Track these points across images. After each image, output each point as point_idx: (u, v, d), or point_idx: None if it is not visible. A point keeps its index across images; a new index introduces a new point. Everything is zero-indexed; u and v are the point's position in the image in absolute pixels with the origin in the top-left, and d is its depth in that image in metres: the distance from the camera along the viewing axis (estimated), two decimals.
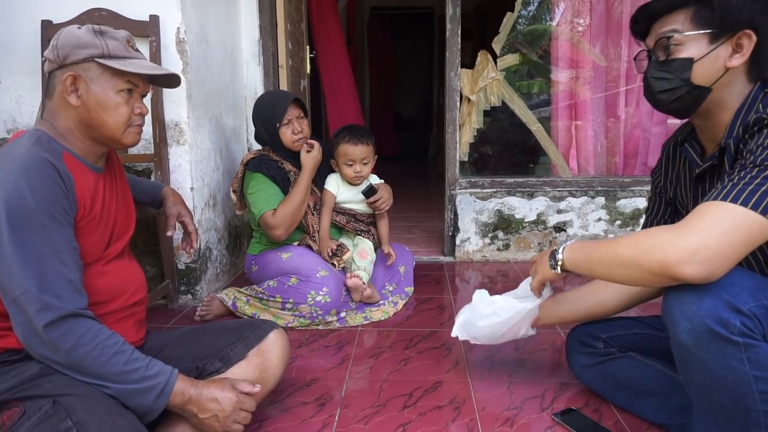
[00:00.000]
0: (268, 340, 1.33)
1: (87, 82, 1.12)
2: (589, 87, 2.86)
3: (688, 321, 0.91)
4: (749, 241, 0.88)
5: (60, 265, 1.02)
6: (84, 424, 0.97)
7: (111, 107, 1.14)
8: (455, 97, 2.73)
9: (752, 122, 0.97)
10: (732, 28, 0.99)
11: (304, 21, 3.25)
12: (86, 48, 1.11)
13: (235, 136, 2.62)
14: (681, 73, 1.04)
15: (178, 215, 1.55)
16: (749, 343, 0.88)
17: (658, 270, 0.90)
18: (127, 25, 1.98)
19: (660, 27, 1.06)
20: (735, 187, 0.90)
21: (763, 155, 0.91)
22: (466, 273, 2.63)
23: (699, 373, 0.93)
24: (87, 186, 1.13)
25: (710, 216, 0.89)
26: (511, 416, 1.36)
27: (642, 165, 2.90)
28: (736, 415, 0.92)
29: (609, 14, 2.84)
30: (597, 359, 1.35)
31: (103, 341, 1.04)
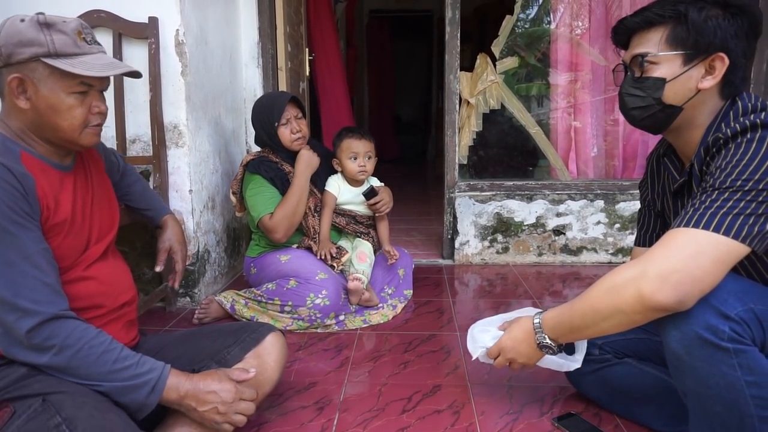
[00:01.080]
0: (265, 343, 1.31)
1: (35, 83, 1.03)
2: (588, 90, 2.86)
3: (677, 329, 0.91)
4: (719, 263, 0.88)
5: (32, 269, 0.98)
6: (73, 420, 0.95)
7: (63, 110, 1.06)
8: (454, 100, 2.73)
9: (711, 143, 0.98)
10: (705, 50, 1.01)
11: (303, 23, 3.25)
12: (30, 46, 1.01)
13: (234, 138, 2.61)
14: (653, 92, 1.05)
15: (169, 250, 1.51)
16: (739, 348, 0.88)
17: (638, 307, 0.91)
18: (126, 26, 1.98)
19: (637, 42, 1.08)
20: (696, 212, 0.92)
21: (721, 178, 0.92)
22: (465, 276, 2.63)
23: (692, 380, 0.93)
24: (50, 186, 1.08)
25: (674, 243, 0.90)
26: (510, 421, 1.36)
27: (641, 168, 2.90)
28: (731, 421, 0.92)
29: (607, 17, 2.84)
30: (594, 366, 1.34)
31: (89, 341, 1.02)
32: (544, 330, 1.11)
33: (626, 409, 1.32)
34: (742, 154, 0.91)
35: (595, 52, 2.83)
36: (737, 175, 0.90)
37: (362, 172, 2.15)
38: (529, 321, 1.15)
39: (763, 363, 0.90)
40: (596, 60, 2.83)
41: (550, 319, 1.11)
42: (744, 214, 0.88)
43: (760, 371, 0.89)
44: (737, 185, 0.90)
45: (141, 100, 2.04)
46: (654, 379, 1.25)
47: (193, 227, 2.11)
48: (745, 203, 0.88)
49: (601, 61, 2.83)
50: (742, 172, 0.90)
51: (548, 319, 1.11)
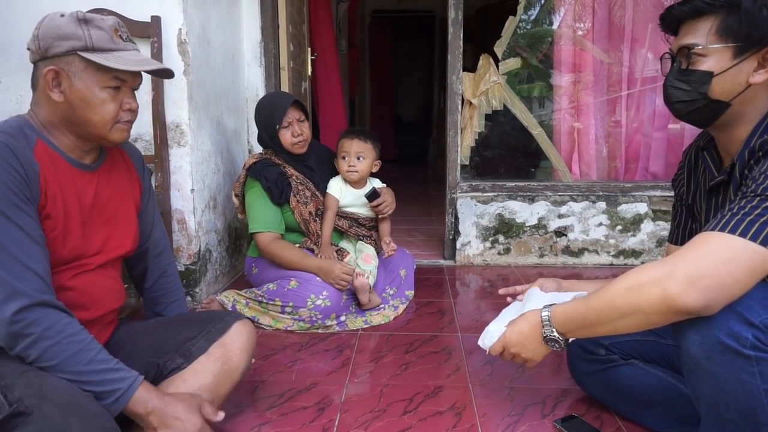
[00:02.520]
0: (231, 332, 1.29)
1: (70, 77, 1.06)
2: (590, 91, 2.86)
3: (698, 334, 0.89)
4: (751, 272, 0.86)
5: (23, 255, 0.98)
6: (11, 387, 0.95)
7: (96, 104, 1.09)
8: (457, 100, 2.72)
9: (757, 147, 0.94)
10: (759, 42, 0.96)
11: (305, 23, 3.25)
12: (68, 39, 1.04)
13: (236, 137, 2.61)
14: (699, 86, 1.01)
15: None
16: (761, 356, 0.86)
17: (660, 308, 0.88)
18: (129, 25, 1.96)
19: (686, 31, 1.03)
20: (734, 216, 0.88)
21: (765, 184, 0.89)
22: (467, 277, 2.62)
23: (709, 386, 0.91)
24: (56, 179, 1.08)
25: (708, 247, 0.87)
26: (512, 422, 1.35)
27: (643, 170, 2.90)
28: (745, 429, 0.90)
29: (610, 18, 2.84)
30: (599, 366, 1.34)
31: (68, 336, 1.01)
32: (553, 324, 1.07)
33: (630, 410, 1.31)
34: None
35: (598, 50, 2.82)
36: None
37: (351, 172, 2.12)
38: (536, 314, 1.11)
39: None
40: (599, 56, 2.81)
41: (561, 313, 1.06)
42: None
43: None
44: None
45: (143, 99, 2.02)
46: (660, 382, 1.24)
47: (194, 226, 2.11)
48: None
49: (605, 59, 2.82)
50: None
51: (558, 313, 1.07)
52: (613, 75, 2.88)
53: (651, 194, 2.69)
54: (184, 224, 2.09)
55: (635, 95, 2.87)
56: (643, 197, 2.69)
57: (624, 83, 2.87)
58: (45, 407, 0.94)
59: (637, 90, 2.86)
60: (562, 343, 1.08)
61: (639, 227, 2.69)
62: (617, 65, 2.86)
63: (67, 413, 0.95)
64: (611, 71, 2.87)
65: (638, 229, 2.69)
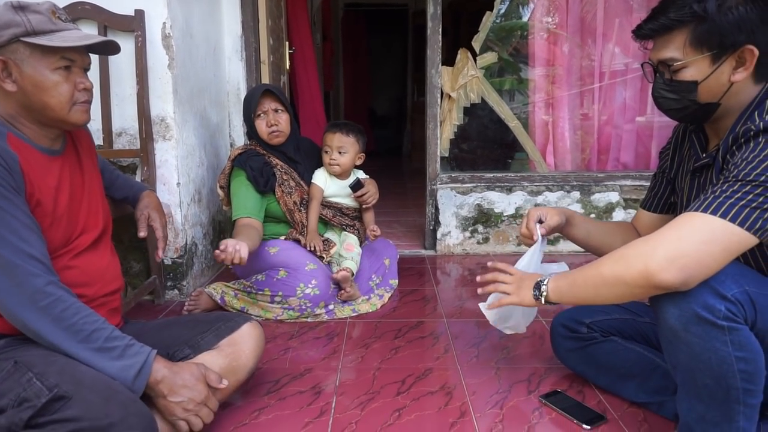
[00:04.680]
0: (242, 331, 1.35)
1: (18, 64, 1.07)
2: (563, 84, 2.96)
3: (676, 307, 0.96)
4: (728, 252, 0.92)
5: (21, 243, 1.02)
6: (44, 374, 1.00)
7: (50, 87, 1.09)
8: (436, 94, 2.78)
9: (741, 133, 1.00)
10: (732, 46, 1.01)
11: (283, 17, 3.26)
12: (7, 28, 1.05)
13: (219, 131, 2.61)
14: (687, 95, 1.06)
15: (148, 218, 1.50)
16: (733, 326, 0.94)
17: (641, 281, 0.95)
18: (112, 19, 1.97)
19: (661, 45, 1.07)
20: (716, 199, 0.94)
21: (746, 170, 0.94)
22: (448, 266, 2.69)
23: (685, 355, 0.99)
24: (33, 168, 1.10)
25: (689, 226, 0.94)
26: (500, 399, 1.43)
27: (614, 161, 3.01)
28: (718, 393, 0.98)
29: (581, 13, 2.93)
30: (581, 344, 1.42)
31: (83, 317, 1.06)
32: (550, 280, 1.15)
33: (610, 383, 1.40)
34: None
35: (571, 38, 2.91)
36: (762, 170, 0.92)
37: (332, 165, 2.16)
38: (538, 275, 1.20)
39: (752, 340, 0.96)
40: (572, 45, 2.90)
41: (560, 273, 1.15)
42: (761, 208, 0.91)
43: (749, 348, 0.96)
44: (760, 180, 0.92)
45: (127, 93, 2.03)
46: (637, 356, 1.34)
47: (181, 220, 2.12)
48: (763, 198, 0.91)
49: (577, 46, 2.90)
50: (766, 168, 0.92)
51: (557, 275, 1.15)
52: (584, 68, 2.98)
53: (622, 183, 2.81)
54: (171, 218, 2.10)
55: (605, 88, 2.98)
56: (614, 186, 2.80)
57: (595, 76, 2.97)
58: (83, 392, 0.98)
59: (607, 83, 2.97)
60: (543, 295, 1.14)
61: (611, 215, 2.81)
62: (587, 59, 2.96)
63: (106, 398, 1.00)
64: (582, 64, 2.98)
65: (610, 217, 2.81)
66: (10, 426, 0.97)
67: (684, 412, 1.05)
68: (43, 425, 0.96)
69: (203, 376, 1.16)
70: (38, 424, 0.96)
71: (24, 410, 0.96)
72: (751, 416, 0.99)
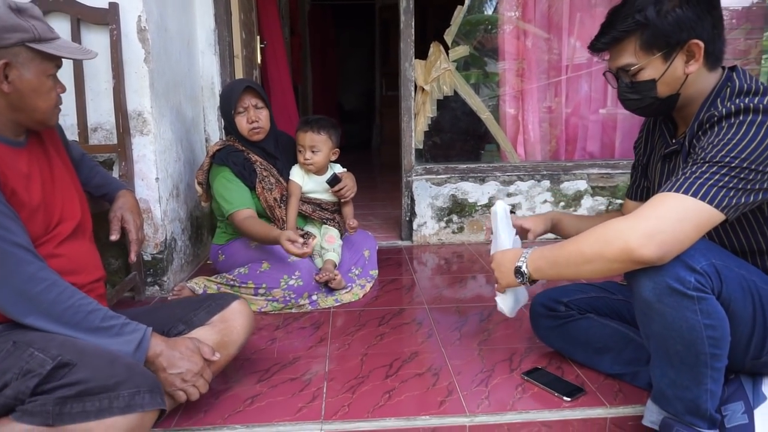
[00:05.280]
0: (232, 308, 1.41)
1: (18, 67, 1.10)
2: (532, 77, 3.05)
3: (650, 280, 1.04)
4: (699, 227, 1.01)
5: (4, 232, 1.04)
6: (45, 348, 1.03)
7: (44, 92, 1.15)
8: (410, 87, 2.83)
9: (705, 119, 1.10)
10: (678, 43, 1.11)
11: (254, 10, 3.25)
12: (15, 32, 1.08)
13: (194, 126, 2.60)
14: (648, 93, 1.17)
15: (121, 219, 1.51)
16: (701, 296, 1.03)
17: (621, 257, 1.02)
18: (85, 12, 1.94)
19: (616, 55, 1.18)
20: (687, 180, 1.03)
21: (712, 152, 1.03)
22: (424, 256, 2.76)
23: (659, 324, 1.07)
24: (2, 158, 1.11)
25: (664, 206, 1.02)
26: (485, 378, 1.49)
27: (581, 150, 3.13)
28: (688, 358, 1.07)
29: (547, 7, 3.02)
30: (559, 321, 1.50)
31: (79, 299, 1.10)
32: (527, 259, 1.21)
33: (587, 358, 1.48)
34: (733, 134, 1.03)
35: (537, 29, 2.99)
36: (726, 152, 1.01)
37: (307, 164, 2.18)
38: (520, 249, 1.26)
39: (719, 309, 1.05)
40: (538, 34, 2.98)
41: (537, 252, 1.21)
42: (727, 187, 1.00)
43: (716, 316, 1.04)
44: (725, 161, 1.01)
45: (102, 88, 2.01)
46: (612, 331, 1.42)
47: (160, 216, 2.11)
48: (729, 178, 1.00)
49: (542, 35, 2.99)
50: (730, 150, 1.01)
51: (535, 252, 1.21)
52: (551, 61, 3.08)
53: (589, 172, 2.92)
54: (150, 213, 2.09)
55: (571, 80, 3.08)
56: (582, 175, 2.91)
57: (561, 69, 3.08)
58: (87, 358, 1.03)
59: (573, 75, 3.07)
60: (526, 277, 1.22)
61: (580, 203, 2.92)
62: (553, 52, 3.06)
63: (110, 361, 1.05)
64: (548, 57, 3.07)
65: (579, 204, 2.92)
66: (16, 395, 1.01)
67: (657, 378, 1.13)
68: (50, 391, 1.00)
69: (198, 348, 1.23)
70: (45, 391, 1.00)
71: (29, 379, 1.00)
72: (718, 379, 1.08)
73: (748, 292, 1.06)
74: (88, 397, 1.00)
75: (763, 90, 1.09)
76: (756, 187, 1.02)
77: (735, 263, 1.08)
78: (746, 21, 3.12)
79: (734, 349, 1.09)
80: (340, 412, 1.34)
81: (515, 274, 1.24)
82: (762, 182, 1.02)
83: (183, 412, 1.33)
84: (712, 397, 1.08)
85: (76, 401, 0.99)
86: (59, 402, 0.99)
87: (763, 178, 1.01)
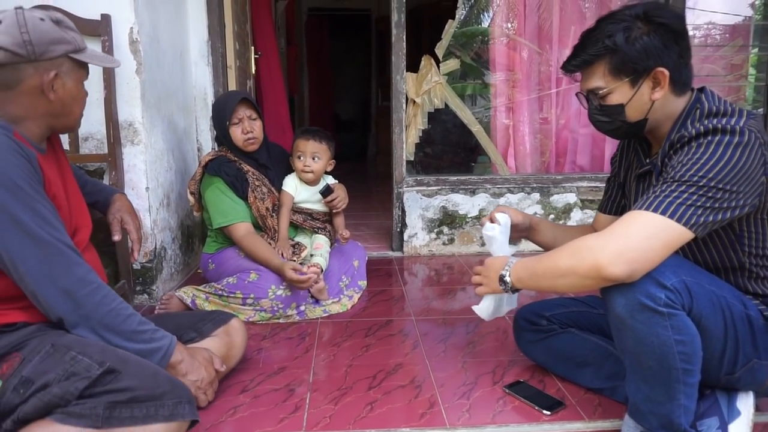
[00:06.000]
0: (233, 324, 1.53)
1: (62, 77, 1.16)
2: (523, 89, 3.08)
3: (623, 296, 1.06)
4: (668, 246, 1.04)
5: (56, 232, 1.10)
6: (87, 353, 1.08)
7: (81, 99, 1.23)
8: (401, 99, 2.86)
9: (676, 140, 1.14)
10: (644, 70, 1.14)
11: (248, 22, 3.28)
12: (60, 44, 1.13)
13: (186, 136, 2.62)
14: (617, 116, 1.20)
15: (121, 221, 1.55)
16: (672, 312, 1.04)
17: (592, 273, 1.04)
18: (78, 24, 1.92)
19: (587, 77, 1.21)
20: (656, 198, 1.06)
21: (681, 171, 1.06)
22: (415, 267, 2.77)
23: (631, 340, 1.09)
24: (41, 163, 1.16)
25: (634, 224, 1.05)
26: (467, 390, 1.50)
27: (571, 163, 3.16)
28: (661, 374, 1.08)
29: (538, 20, 3.07)
30: (541, 335, 1.52)
31: (119, 303, 1.16)
32: (511, 269, 1.24)
33: (568, 372, 1.50)
34: (701, 153, 1.05)
35: (530, 43, 3.03)
36: (695, 172, 1.04)
37: (306, 171, 2.21)
38: (506, 258, 1.28)
39: (689, 325, 1.07)
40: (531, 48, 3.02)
41: (520, 263, 1.23)
42: (695, 206, 1.02)
43: (687, 332, 1.06)
44: (693, 180, 1.03)
45: (93, 98, 2.01)
46: (593, 345, 1.44)
47: (150, 225, 2.13)
48: (697, 197, 1.02)
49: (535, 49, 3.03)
50: (699, 170, 1.04)
51: (519, 262, 1.24)
52: (542, 74, 3.12)
53: (579, 185, 2.95)
54: (140, 222, 2.09)
55: (562, 93, 3.12)
56: (572, 188, 2.94)
57: (553, 82, 3.11)
58: (131, 368, 1.08)
59: (564, 89, 3.11)
60: (508, 286, 1.23)
61: (569, 215, 2.94)
62: (545, 65, 3.10)
63: (154, 373, 1.11)
64: (540, 70, 3.11)
65: (569, 217, 2.94)
66: (63, 395, 1.04)
67: (632, 393, 1.15)
68: (98, 395, 1.04)
69: (211, 359, 1.33)
70: (93, 394, 1.04)
71: (78, 381, 1.04)
72: (691, 394, 1.09)
73: (719, 308, 1.08)
74: (137, 404, 1.06)
75: (731, 111, 1.12)
76: (724, 206, 1.04)
77: (706, 280, 1.10)
78: (736, 37, 3.16)
79: (707, 365, 1.11)
80: (322, 423, 1.35)
81: (499, 282, 1.26)
82: (730, 201, 1.04)
83: None
84: (686, 412, 1.10)
85: (125, 407, 1.05)
86: (110, 406, 1.04)
87: (731, 197, 1.04)
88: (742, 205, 1.06)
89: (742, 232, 1.13)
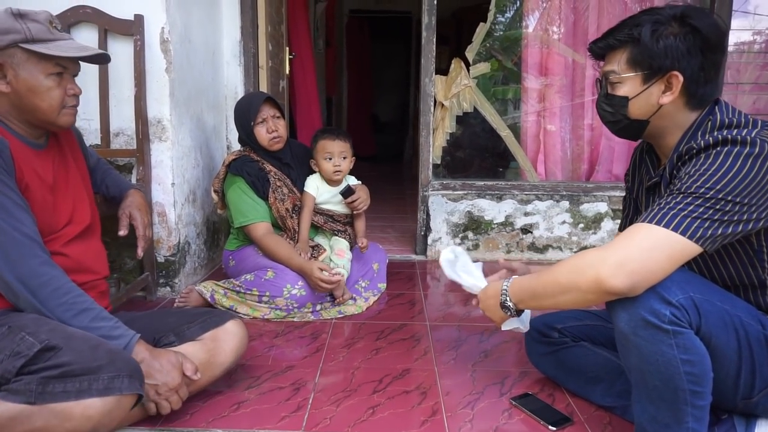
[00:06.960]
0: (226, 328, 1.42)
1: (14, 68, 1.16)
2: (559, 94, 3.00)
3: (626, 312, 1.02)
4: (672, 259, 0.99)
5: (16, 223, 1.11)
6: (36, 332, 1.10)
7: (43, 91, 1.19)
8: (429, 102, 2.84)
9: (684, 151, 1.09)
10: (660, 70, 1.11)
11: (284, 23, 3.33)
12: (8, 34, 1.14)
13: (215, 134, 2.68)
14: (620, 109, 1.17)
15: (129, 216, 1.55)
16: (677, 330, 0.99)
17: (594, 287, 1.01)
18: (112, 23, 2.03)
19: (608, 60, 1.19)
20: (661, 210, 1.01)
21: (688, 183, 1.02)
22: (437, 271, 2.74)
23: (636, 357, 1.04)
24: (20, 155, 1.18)
25: (637, 236, 1.00)
26: (472, 400, 1.47)
27: (606, 172, 3.05)
28: (666, 394, 1.03)
29: (579, 23, 2.98)
30: (552, 348, 1.47)
31: (73, 297, 1.16)
32: (509, 293, 1.22)
33: (579, 387, 1.44)
34: (710, 165, 1.01)
35: (571, 50, 2.95)
36: (702, 183, 0.99)
37: (337, 171, 2.22)
38: (499, 284, 1.27)
39: (697, 344, 1.01)
40: (573, 57, 2.94)
41: (516, 284, 1.21)
42: (701, 218, 0.98)
43: (694, 351, 1.00)
44: (700, 192, 0.99)
45: (125, 95, 2.09)
46: (605, 361, 1.38)
47: (174, 219, 2.18)
48: (704, 209, 0.98)
49: (579, 59, 2.95)
50: (706, 181, 0.99)
51: (514, 284, 1.22)
52: (580, 79, 3.02)
53: (611, 194, 2.85)
54: (165, 217, 2.16)
55: None
56: (603, 197, 2.85)
57: (588, 88, 3.02)
58: (73, 343, 1.09)
59: None
60: (513, 311, 1.23)
61: (600, 225, 2.85)
62: (582, 71, 3.01)
63: (94, 347, 1.10)
64: (576, 76, 3.02)
65: (599, 227, 2.85)
66: (4, 373, 1.07)
67: (638, 413, 1.09)
68: (35, 372, 1.06)
69: (180, 364, 1.25)
70: (30, 371, 1.06)
71: (17, 359, 1.07)
72: (701, 418, 1.03)
73: (732, 327, 1.01)
74: (70, 379, 1.06)
75: (745, 122, 1.06)
76: (735, 219, 0.98)
77: (718, 297, 1.04)
78: None
79: (721, 387, 1.05)
80: (322, 424, 1.35)
81: (503, 309, 1.25)
82: (741, 213, 0.98)
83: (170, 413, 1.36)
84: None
85: (58, 382, 1.06)
86: (42, 382, 1.05)
87: (741, 209, 0.98)
88: (756, 218, 0.99)
89: (760, 248, 1.06)
